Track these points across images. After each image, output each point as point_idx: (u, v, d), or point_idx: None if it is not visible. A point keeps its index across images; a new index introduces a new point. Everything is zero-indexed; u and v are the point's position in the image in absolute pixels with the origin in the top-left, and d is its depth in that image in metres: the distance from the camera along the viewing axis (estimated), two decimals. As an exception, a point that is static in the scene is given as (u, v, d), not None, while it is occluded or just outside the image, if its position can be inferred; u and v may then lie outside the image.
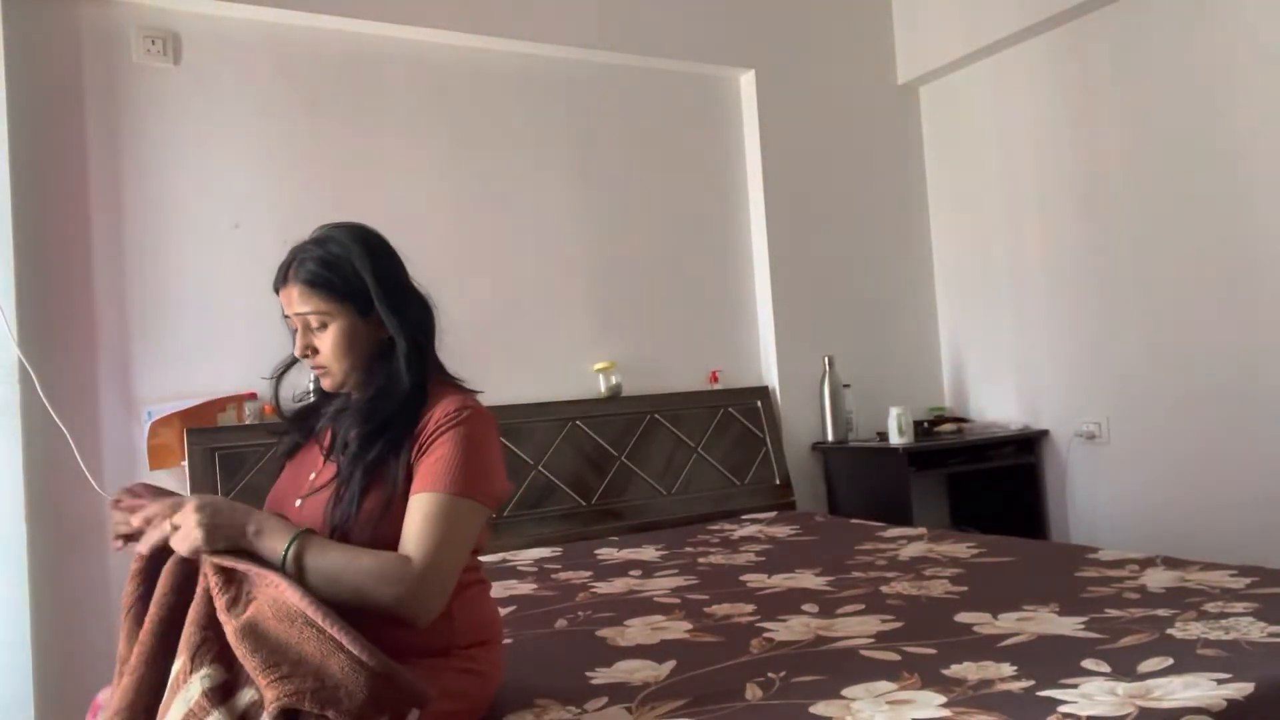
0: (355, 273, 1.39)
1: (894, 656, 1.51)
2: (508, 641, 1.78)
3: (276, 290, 1.43)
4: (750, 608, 1.93)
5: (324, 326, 1.39)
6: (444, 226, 3.09)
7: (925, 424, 3.53)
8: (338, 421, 1.45)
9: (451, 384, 1.45)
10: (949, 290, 3.93)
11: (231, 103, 2.84)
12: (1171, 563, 2.04)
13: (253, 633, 1.08)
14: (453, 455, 1.30)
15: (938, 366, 3.97)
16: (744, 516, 3.23)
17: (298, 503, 1.40)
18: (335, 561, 1.21)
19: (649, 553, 2.67)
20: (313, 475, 1.43)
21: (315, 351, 1.41)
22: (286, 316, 1.43)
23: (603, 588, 2.24)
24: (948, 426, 3.55)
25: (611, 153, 3.43)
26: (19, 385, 2.43)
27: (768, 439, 3.49)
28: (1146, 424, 3.17)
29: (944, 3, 3.72)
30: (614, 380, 3.29)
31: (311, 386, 1.59)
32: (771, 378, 3.62)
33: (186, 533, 1.18)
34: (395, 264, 1.44)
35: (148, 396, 2.67)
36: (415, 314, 1.43)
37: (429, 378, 1.42)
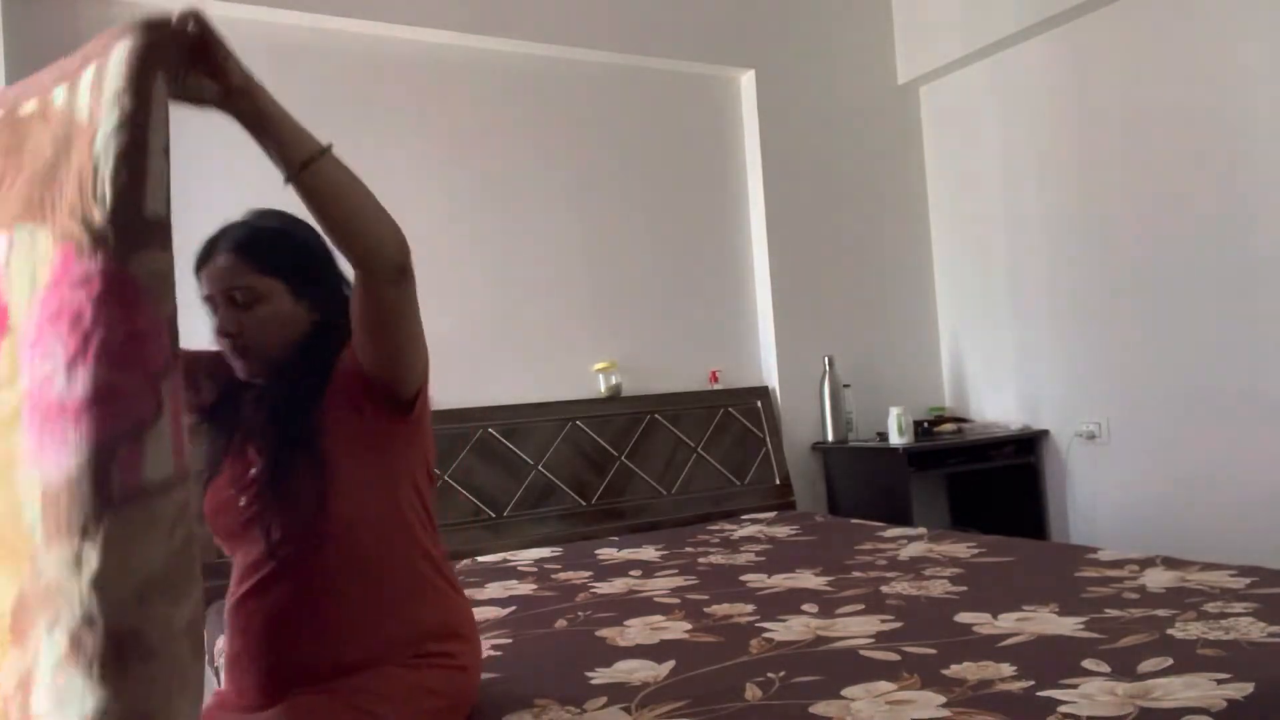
0: (290, 247, 1.31)
1: (894, 656, 1.51)
2: (507, 641, 1.79)
3: (197, 271, 1.30)
4: (750, 608, 1.93)
5: (250, 304, 1.28)
6: (443, 226, 3.09)
7: (925, 424, 3.53)
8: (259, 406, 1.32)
9: None
10: (949, 290, 3.93)
11: (231, 103, 2.84)
12: (1171, 563, 2.04)
13: None
14: None
15: (938, 366, 3.97)
16: (744, 516, 3.23)
17: (241, 502, 1.30)
18: (356, 179, 1.16)
19: (649, 553, 2.67)
20: (253, 470, 1.30)
21: (237, 332, 1.28)
22: (206, 298, 1.30)
23: (603, 588, 2.24)
24: (948, 426, 3.55)
25: (611, 152, 3.43)
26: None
27: (768, 439, 3.49)
28: (1146, 424, 3.17)
29: (944, 3, 3.71)
30: (614, 380, 3.29)
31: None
32: (771, 378, 3.62)
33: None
34: (325, 244, 1.33)
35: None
36: (343, 294, 1.35)
37: None
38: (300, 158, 1.09)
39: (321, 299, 1.33)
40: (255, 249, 1.29)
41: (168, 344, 0.88)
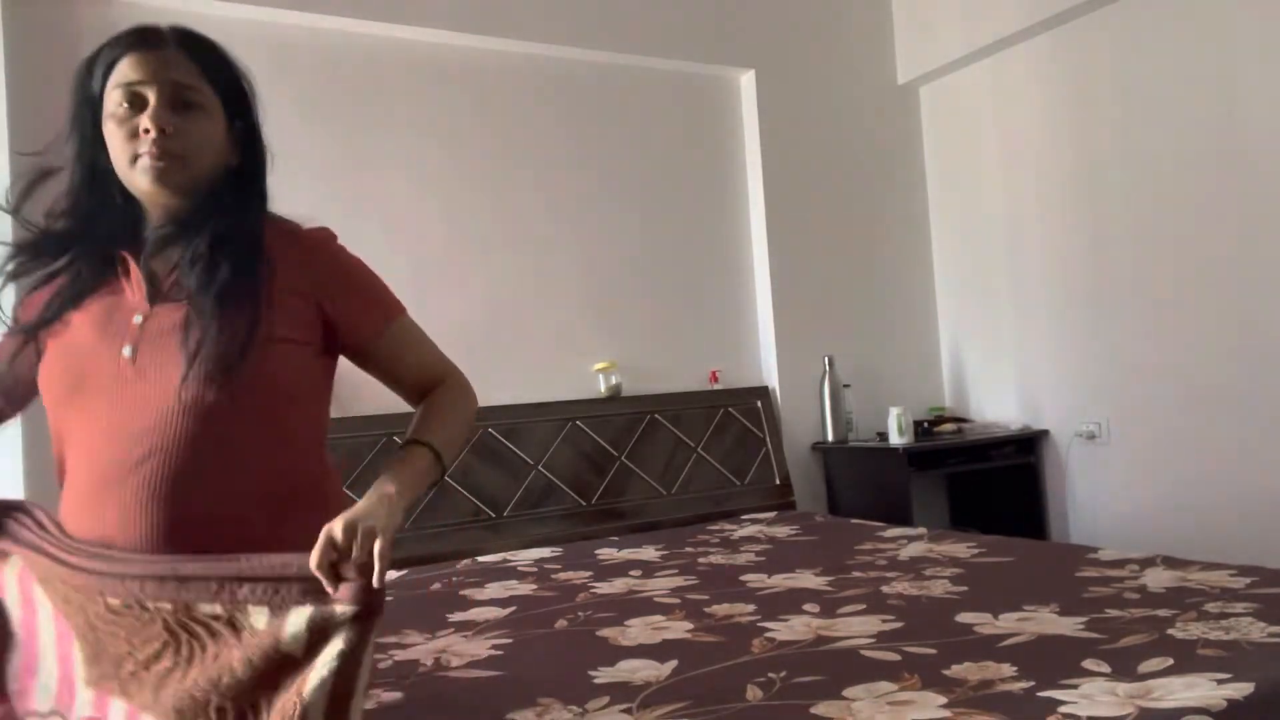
0: (234, 71, 1.22)
1: (894, 657, 1.51)
2: (508, 641, 1.79)
3: (125, 54, 1.14)
4: (750, 608, 1.93)
5: (189, 111, 1.14)
6: (443, 226, 3.09)
7: (925, 424, 3.53)
8: (164, 252, 1.16)
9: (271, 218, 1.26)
10: (949, 290, 3.93)
11: (231, 103, 2.84)
12: (1171, 563, 2.04)
13: None
14: (374, 278, 1.29)
15: (938, 366, 3.97)
16: (744, 516, 3.23)
17: (126, 352, 1.11)
18: (451, 430, 1.25)
19: (649, 553, 2.67)
20: (138, 318, 1.14)
21: (172, 132, 1.12)
22: (127, 85, 1.13)
23: (603, 588, 2.24)
24: (948, 426, 3.55)
25: (611, 152, 3.43)
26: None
27: (768, 439, 3.49)
28: (1146, 424, 3.17)
29: (944, 3, 3.72)
30: (614, 380, 3.29)
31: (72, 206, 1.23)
32: (771, 378, 3.62)
33: (379, 549, 0.98)
34: (253, 87, 1.27)
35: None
36: (263, 144, 1.26)
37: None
38: (436, 481, 1.21)
39: (245, 140, 1.22)
40: (209, 56, 1.19)
41: None
